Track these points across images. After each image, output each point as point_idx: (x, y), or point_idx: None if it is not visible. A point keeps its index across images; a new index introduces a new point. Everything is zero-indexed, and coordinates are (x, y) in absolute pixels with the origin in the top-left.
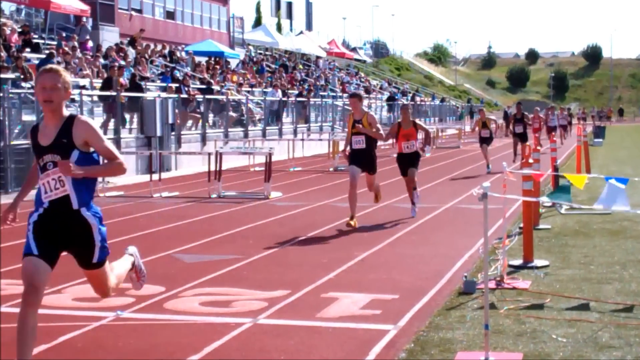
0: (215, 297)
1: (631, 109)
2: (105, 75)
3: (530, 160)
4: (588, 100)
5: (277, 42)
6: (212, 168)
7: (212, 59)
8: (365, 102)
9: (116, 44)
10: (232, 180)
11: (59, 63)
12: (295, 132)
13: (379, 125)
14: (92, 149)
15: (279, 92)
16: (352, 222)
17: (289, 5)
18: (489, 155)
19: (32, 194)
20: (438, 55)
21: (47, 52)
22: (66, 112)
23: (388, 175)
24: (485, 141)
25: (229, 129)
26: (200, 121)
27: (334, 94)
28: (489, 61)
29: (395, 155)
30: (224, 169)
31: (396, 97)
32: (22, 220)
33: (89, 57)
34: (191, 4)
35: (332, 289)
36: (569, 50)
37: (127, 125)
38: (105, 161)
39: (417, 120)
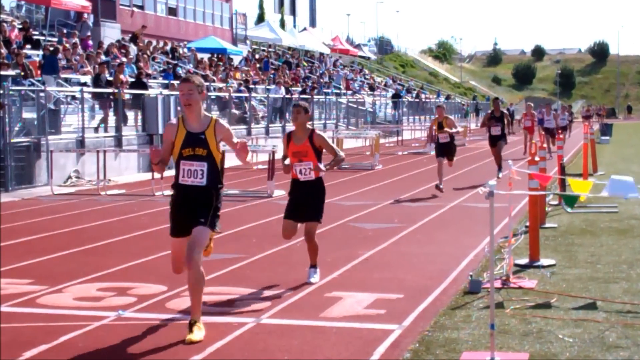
0: (218, 296)
1: (638, 106)
2: (109, 72)
3: (537, 158)
4: (595, 97)
5: (280, 39)
6: None
7: (215, 55)
8: (370, 99)
9: (117, 41)
10: (234, 179)
11: (59, 60)
12: None
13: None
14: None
15: (282, 89)
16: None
17: (293, 1)
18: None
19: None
20: (443, 52)
21: (51, 48)
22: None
23: (390, 175)
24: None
25: (232, 127)
26: None
27: (338, 91)
28: (494, 58)
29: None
30: (226, 167)
31: (401, 95)
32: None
33: (91, 53)
34: (193, 0)
35: (336, 288)
36: (575, 47)
37: (129, 123)
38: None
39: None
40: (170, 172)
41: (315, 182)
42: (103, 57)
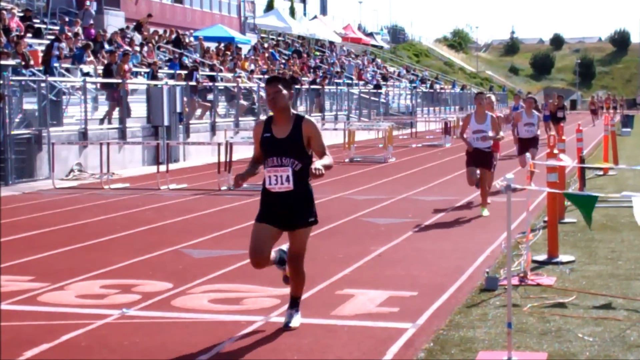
0: (226, 294)
1: None
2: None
3: (555, 151)
4: (616, 87)
5: (290, 27)
6: (222, 159)
7: (222, 44)
8: (383, 89)
9: (121, 29)
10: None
11: (61, 49)
12: None
13: None
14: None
15: None
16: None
17: None
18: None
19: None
20: (458, 41)
21: (52, 37)
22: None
23: (404, 168)
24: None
25: (240, 118)
26: (210, 110)
27: (350, 81)
28: (511, 47)
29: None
30: (235, 159)
31: (415, 85)
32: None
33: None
34: None
35: (347, 285)
36: (595, 36)
37: (133, 114)
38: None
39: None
40: (177, 165)
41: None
42: (107, 47)
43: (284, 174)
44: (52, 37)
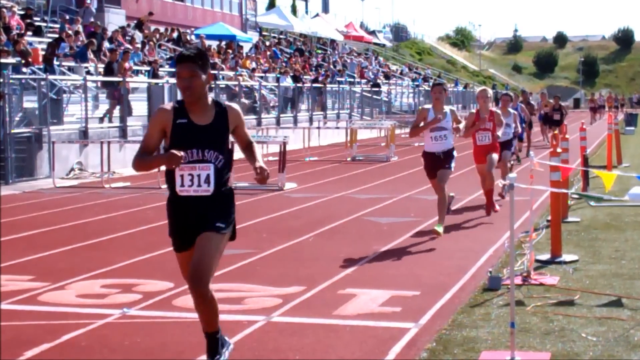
0: (227, 293)
1: None
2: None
3: (559, 150)
4: (619, 86)
5: (291, 25)
6: None
7: (224, 42)
8: (384, 87)
9: (122, 27)
10: (244, 171)
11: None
12: (311, 120)
13: None
14: None
15: (288, 78)
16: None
17: None
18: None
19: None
20: (461, 39)
21: (53, 35)
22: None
23: (406, 167)
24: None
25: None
26: None
27: (352, 79)
28: (515, 45)
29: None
30: (236, 158)
31: (417, 83)
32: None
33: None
34: None
35: (349, 285)
36: (599, 34)
37: (134, 113)
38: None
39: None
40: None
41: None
42: (107, 45)
43: (203, 173)
44: (54, 35)
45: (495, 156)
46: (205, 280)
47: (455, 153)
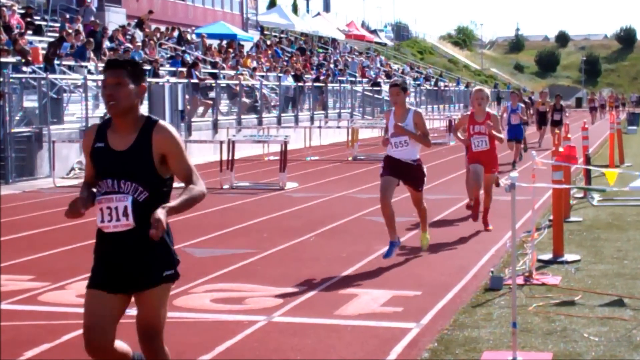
0: (228, 293)
1: None
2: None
3: (561, 149)
4: (622, 85)
5: (292, 24)
6: (224, 157)
7: (225, 41)
8: (386, 87)
9: (122, 26)
10: (245, 170)
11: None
12: (312, 119)
13: None
14: None
15: (289, 77)
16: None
17: None
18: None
19: None
20: (463, 38)
21: (53, 34)
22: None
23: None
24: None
25: (242, 116)
26: (212, 108)
27: (353, 79)
28: (516, 44)
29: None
30: (237, 158)
31: (419, 82)
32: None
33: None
34: None
35: (351, 284)
36: (601, 33)
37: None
38: None
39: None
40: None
41: None
42: (108, 44)
43: (120, 205)
44: (54, 34)
45: (481, 170)
46: (156, 337)
47: (424, 169)
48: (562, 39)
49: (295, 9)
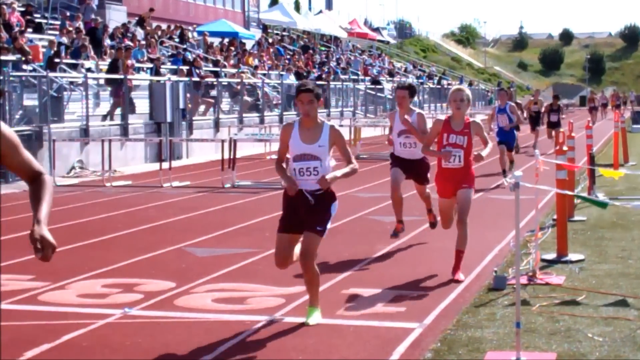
0: (229, 293)
1: None
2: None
3: (565, 148)
4: (626, 83)
5: (295, 22)
6: (226, 156)
7: (226, 39)
8: (389, 85)
9: (123, 24)
10: (246, 169)
11: (60, 44)
12: None
13: None
14: None
15: (291, 75)
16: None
17: None
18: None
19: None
20: (466, 36)
21: (53, 32)
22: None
23: None
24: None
25: (244, 115)
26: (213, 106)
27: (356, 77)
28: (520, 42)
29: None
30: (239, 157)
31: (422, 81)
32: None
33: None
34: None
35: (353, 284)
36: (605, 31)
37: (136, 111)
38: None
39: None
40: (180, 162)
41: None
42: (108, 42)
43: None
44: (55, 32)
45: (468, 196)
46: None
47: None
48: (566, 37)
49: (297, 6)
